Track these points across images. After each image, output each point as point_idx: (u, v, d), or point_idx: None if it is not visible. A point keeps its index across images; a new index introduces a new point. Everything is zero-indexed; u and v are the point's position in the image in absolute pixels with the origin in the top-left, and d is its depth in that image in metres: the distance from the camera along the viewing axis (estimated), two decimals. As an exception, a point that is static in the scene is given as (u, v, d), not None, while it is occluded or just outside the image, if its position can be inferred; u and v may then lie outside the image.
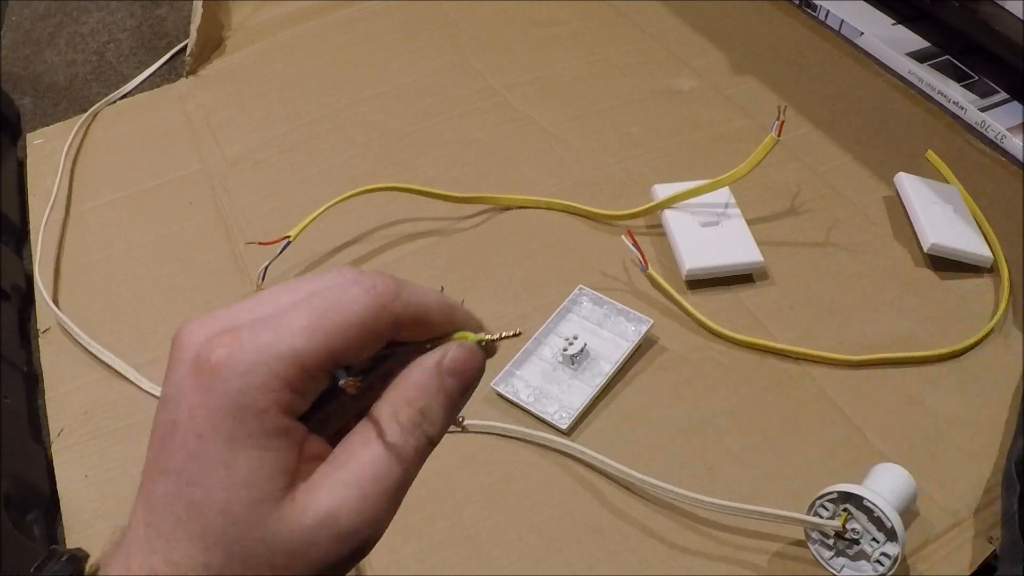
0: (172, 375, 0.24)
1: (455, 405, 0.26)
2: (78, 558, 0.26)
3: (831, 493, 0.47)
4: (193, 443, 0.24)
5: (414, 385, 0.25)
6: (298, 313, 0.23)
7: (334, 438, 0.25)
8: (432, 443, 0.26)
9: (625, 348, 0.59)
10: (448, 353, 0.26)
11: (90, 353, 0.63)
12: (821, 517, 0.47)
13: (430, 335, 0.26)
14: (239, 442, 0.23)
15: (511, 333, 0.27)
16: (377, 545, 0.25)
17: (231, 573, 0.23)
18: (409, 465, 0.25)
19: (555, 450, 0.55)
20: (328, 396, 0.25)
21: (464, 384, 0.26)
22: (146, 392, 0.60)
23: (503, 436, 0.56)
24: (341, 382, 0.24)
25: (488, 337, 0.26)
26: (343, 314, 0.24)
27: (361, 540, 0.24)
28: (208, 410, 0.23)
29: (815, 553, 0.49)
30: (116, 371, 0.62)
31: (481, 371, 0.26)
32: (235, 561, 0.23)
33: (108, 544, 0.26)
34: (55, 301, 0.67)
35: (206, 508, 0.23)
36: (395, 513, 0.25)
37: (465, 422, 0.28)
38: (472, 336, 0.26)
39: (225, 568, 0.23)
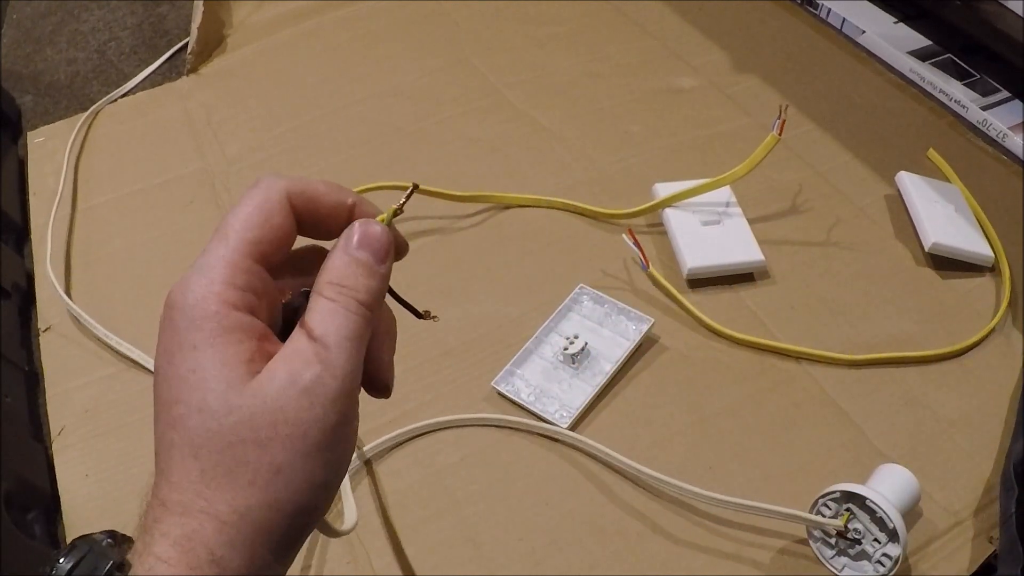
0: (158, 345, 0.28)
1: (375, 271, 0.29)
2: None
3: (834, 492, 0.47)
4: (168, 370, 0.27)
5: (327, 267, 0.28)
6: (212, 237, 0.28)
7: None
8: (364, 304, 0.28)
9: (626, 347, 0.59)
10: (346, 234, 0.29)
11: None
12: (824, 516, 0.47)
13: (329, 216, 0.29)
14: (201, 346, 0.26)
15: (404, 198, 0.29)
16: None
17: (225, 466, 0.26)
18: (345, 322, 0.28)
19: (555, 439, 0.55)
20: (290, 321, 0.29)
21: (374, 250, 0.29)
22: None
23: (503, 435, 0.56)
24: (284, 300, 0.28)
25: (384, 215, 0.29)
26: (242, 209, 0.28)
27: (330, 392, 0.27)
28: (173, 334, 0.27)
29: (816, 551, 0.49)
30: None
31: (387, 236, 0.29)
32: (225, 455, 0.26)
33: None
34: (66, 296, 0.67)
35: (187, 417, 0.26)
36: (357, 365, 0.28)
37: (435, 315, 0.32)
38: (379, 216, 0.29)
39: (219, 464, 0.26)
